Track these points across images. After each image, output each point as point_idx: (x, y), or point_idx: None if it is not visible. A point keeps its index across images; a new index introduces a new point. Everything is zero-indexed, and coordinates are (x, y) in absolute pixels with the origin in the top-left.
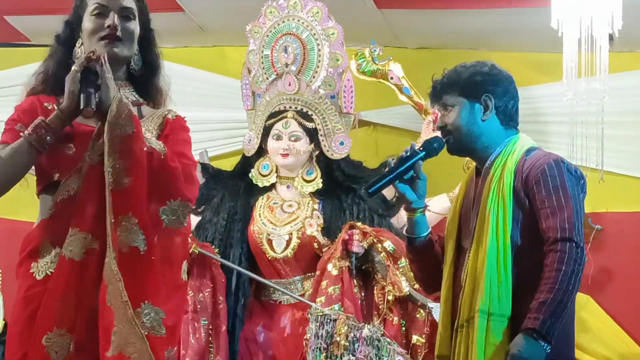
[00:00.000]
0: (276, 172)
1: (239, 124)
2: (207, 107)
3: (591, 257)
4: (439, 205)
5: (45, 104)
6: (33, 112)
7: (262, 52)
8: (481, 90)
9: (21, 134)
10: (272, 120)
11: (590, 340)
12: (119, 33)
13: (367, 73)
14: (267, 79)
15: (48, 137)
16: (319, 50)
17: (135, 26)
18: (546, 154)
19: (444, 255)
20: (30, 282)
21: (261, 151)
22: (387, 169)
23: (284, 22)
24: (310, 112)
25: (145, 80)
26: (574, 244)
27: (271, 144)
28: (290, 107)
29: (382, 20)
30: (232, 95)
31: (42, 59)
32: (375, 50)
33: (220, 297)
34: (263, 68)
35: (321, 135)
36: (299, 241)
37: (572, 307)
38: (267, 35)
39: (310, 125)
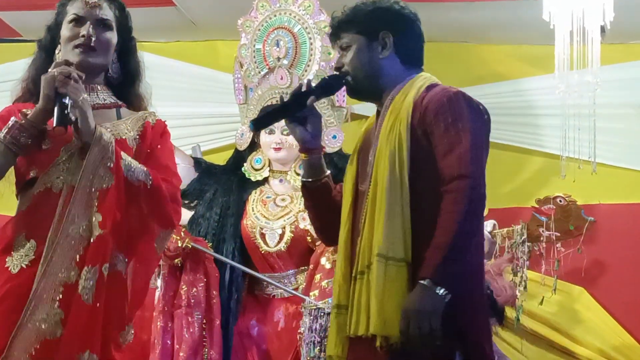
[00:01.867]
0: (269, 166)
1: (232, 118)
2: (199, 101)
3: (584, 249)
4: None
5: (23, 110)
6: (9, 117)
7: (254, 46)
8: (379, 27)
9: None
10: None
11: (583, 332)
12: (92, 43)
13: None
14: (259, 73)
15: (22, 138)
16: (311, 43)
17: (111, 36)
18: (446, 88)
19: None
20: (6, 276)
21: (254, 145)
22: (279, 104)
23: (275, 15)
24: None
25: (124, 87)
26: (470, 181)
27: (264, 138)
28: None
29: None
30: (224, 90)
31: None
32: None
33: (214, 292)
34: (255, 62)
35: None
36: (292, 235)
37: (477, 255)
38: (259, 29)
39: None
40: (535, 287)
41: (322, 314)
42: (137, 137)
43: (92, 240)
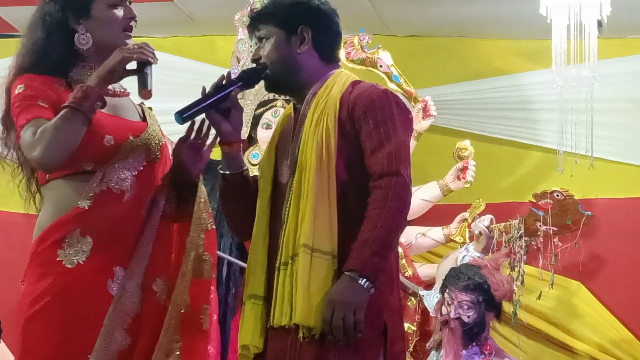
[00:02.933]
0: None
1: None
2: (197, 96)
3: (581, 244)
4: (429, 193)
5: (57, 86)
6: (50, 90)
7: (251, 40)
8: (298, 21)
9: (70, 104)
10: (261, 109)
11: (581, 326)
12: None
13: (357, 61)
14: None
15: (97, 107)
16: None
17: None
18: (373, 85)
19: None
20: (60, 269)
21: (251, 140)
22: (201, 96)
23: None
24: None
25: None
26: (400, 179)
27: (261, 133)
28: (279, 95)
29: (371, 9)
30: None
31: None
32: (364, 39)
33: (212, 287)
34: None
35: None
36: None
37: (396, 250)
38: None
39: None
40: (532, 282)
41: None
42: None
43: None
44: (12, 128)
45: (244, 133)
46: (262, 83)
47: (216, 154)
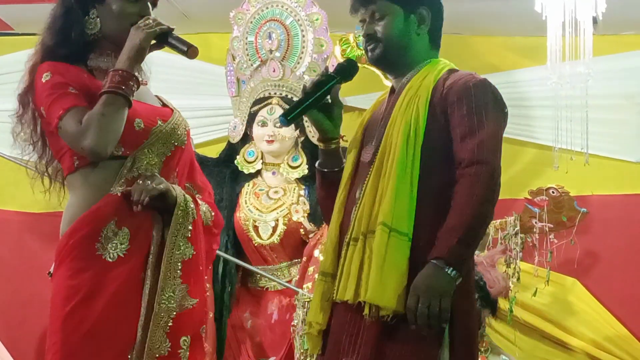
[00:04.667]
0: (262, 158)
1: (224, 110)
2: (192, 94)
3: (577, 240)
4: None
5: (80, 72)
6: (79, 77)
7: (246, 38)
8: (419, 1)
9: (110, 89)
10: (257, 107)
11: (576, 323)
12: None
13: (353, 58)
14: (252, 65)
15: (134, 89)
16: (303, 36)
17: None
18: (471, 73)
19: None
20: (101, 264)
21: (246, 138)
22: (302, 95)
23: (267, 8)
24: (295, 98)
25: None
26: (489, 168)
27: (256, 130)
28: (275, 93)
29: None
30: (217, 82)
31: (27, 48)
32: (359, 36)
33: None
34: (247, 54)
35: (306, 121)
36: (285, 227)
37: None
38: (251, 22)
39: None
40: (528, 279)
41: None
42: None
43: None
44: (28, 106)
45: (240, 131)
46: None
47: (210, 151)
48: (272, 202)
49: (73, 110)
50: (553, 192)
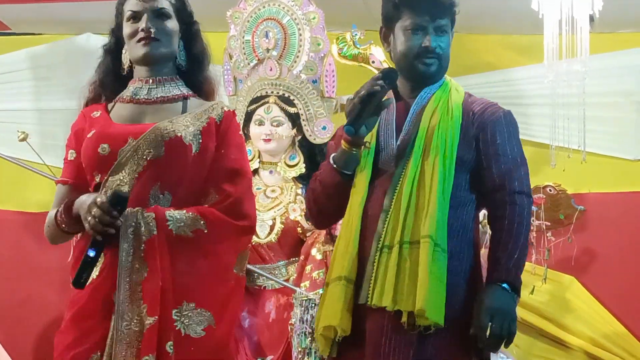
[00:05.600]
0: (259, 157)
1: None
2: None
3: (574, 238)
4: None
5: (93, 114)
6: (80, 132)
7: (243, 37)
8: (454, 23)
9: (56, 218)
10: (254, 106)
11: (574, 320)
12: (153, 34)
13: (349, 57)
14: (249, 64)
15: (65, 226)
16: (300, 34)
17: (172, 24)
18: (494, 102)
19: None
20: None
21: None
22: (359, 104)
23: (264, 7)
24: (292, 97)
25: (192, 73)
26: (530, 200)
27: (253, 129)
28: (272, 92)
29: (362, 4)
30: None
31: (24, 47)
32: (356, 34)
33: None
34: (244, 53)
35: (303, 120)
36: (283, 226)
37: None
38: (248, 21)
39: (292, 110)
40: (525, 277)
41: (313, 305)
42: (199, 132)
43: (144, 332)
44: None
45: None
46: (258, 75)
47: None
48: (269, 201)
49: (58, 188)
50: (550, 190)
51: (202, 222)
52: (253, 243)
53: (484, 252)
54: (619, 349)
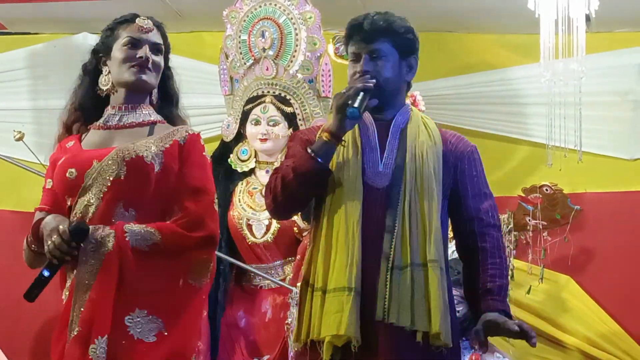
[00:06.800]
0: (255, 157)
1: (217, 109)
2: (185, 93)
3: (571, 238)
4: None
5: (68, 144)
6: (56, 161)
7: (240, 37)
8: (411, 49)
9: (28, 243)
10: (250, 105)
11: (570, 320)
12: (149, 64)
13: (345, 57)
14: (245, 64)
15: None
16: (297, 34)
17: (161, 60)
18: (461, 135)
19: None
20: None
21: (240, 136)
22: (356, 92)
23: (260, 6)
24: (288, 97)
25: (164, 108)
26: (501, 236)
27: (250, 129)
28: (268, 91)
29: (359, 4)
30: (210, 81)
31: (20, 47)
32: None
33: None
34: (240, 53)
35: (300, 119)
36: (279, 226)
37: None
38: (244, 20)
39: (288, 109)
40: (522, 276)
41: None
42: (161, 153)
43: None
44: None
45: (233, 130)
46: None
47: None
48: None
49: (36, 215)
50: (547, 190)
51: (158, 235)
52: (249, 243)
53: None
54: (615, 349)
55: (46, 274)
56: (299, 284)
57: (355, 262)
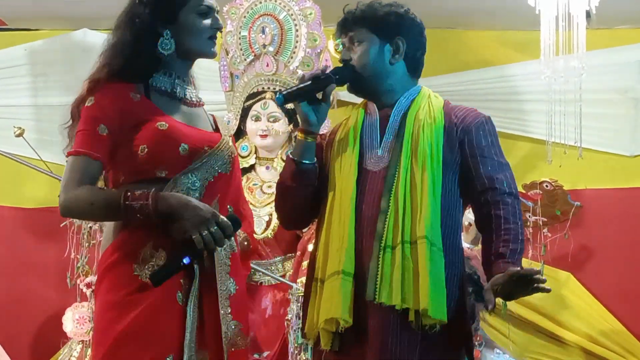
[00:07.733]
0: (255, 153)
1: (218, 105)
2: None
3: (571, 234)
4: None
5: (132, 95)
6: (121, 104)
7: (240, 33)
8: (395, 31)
9: (125, 203)
10: (250, 102)
11: (570, 317)
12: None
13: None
14: (245, 60)
15: (139, 220)
16: (297, 30)
17: None
18: (474, 108)
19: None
20: (138, 283)
21: (240, 132)
22: (302, 82)
23: (261, 2)
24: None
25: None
26: (520, 204)
27: (250, 125)
28: (269, 87)
29: (359, 0)
30: (210, 77)
31: (19, 43)
32: None
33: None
34: (241, 49)
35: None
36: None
37: None
38: (245, 16)
39: (288, 105)
40: None
41: None
42: None
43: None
44: (77, 120)
45: (233, 126)
46: (254, 71)
47: None
48: (265, 197)
49: (82, 159)
50: (547, 186)
51: (248, 243)
52: None
53: (479, 248)
54: (615, 345)
55: (186, 261)
56: (299, 280)
57: (345, 245)
